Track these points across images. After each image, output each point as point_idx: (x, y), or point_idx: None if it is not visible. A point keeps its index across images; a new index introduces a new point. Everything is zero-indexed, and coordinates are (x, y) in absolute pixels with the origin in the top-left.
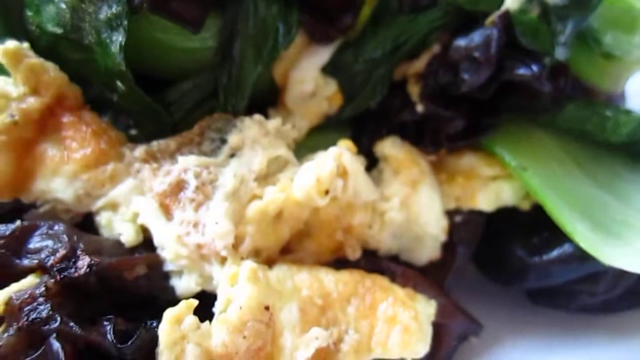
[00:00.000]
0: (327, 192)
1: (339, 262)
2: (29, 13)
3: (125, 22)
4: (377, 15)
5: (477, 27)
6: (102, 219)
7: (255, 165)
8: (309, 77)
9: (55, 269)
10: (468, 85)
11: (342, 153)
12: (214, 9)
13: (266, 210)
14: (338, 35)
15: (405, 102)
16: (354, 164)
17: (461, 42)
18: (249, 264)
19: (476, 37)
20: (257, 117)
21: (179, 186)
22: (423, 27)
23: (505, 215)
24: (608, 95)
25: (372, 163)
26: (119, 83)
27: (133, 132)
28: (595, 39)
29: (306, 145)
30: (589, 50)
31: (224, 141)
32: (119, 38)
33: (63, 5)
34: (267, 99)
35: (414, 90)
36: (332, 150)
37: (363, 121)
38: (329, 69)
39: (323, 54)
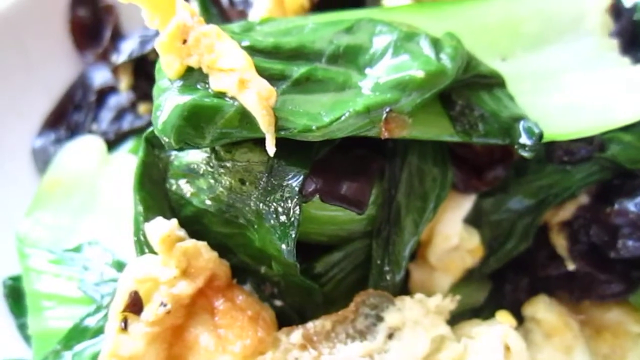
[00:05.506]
0: None
1: None
2: (173, 183)
3: (298, 214)
4: (521, 164)
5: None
6: None
7: (420, 350)
8: (454, 230)
9: None
10: (630, 252)
11: (507, 333)
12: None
13: None
14: (485, 187)
15: (552, 255)
16: (519, 344)
17: (630, 206)
18: None
19: None
20: (419, 296)
21: None
22: (576, 181)
23: None
24: None
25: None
26: (273, 264)
27: (278, 302)
28: None
29: None
30: None
31: (380, 318)
32: (292, 233)
33: (217, 184)
34: None
35: (558, 241)
36: (497, 330)
37: (501, 272)
38: (470, 219)
39: (465, 205)
